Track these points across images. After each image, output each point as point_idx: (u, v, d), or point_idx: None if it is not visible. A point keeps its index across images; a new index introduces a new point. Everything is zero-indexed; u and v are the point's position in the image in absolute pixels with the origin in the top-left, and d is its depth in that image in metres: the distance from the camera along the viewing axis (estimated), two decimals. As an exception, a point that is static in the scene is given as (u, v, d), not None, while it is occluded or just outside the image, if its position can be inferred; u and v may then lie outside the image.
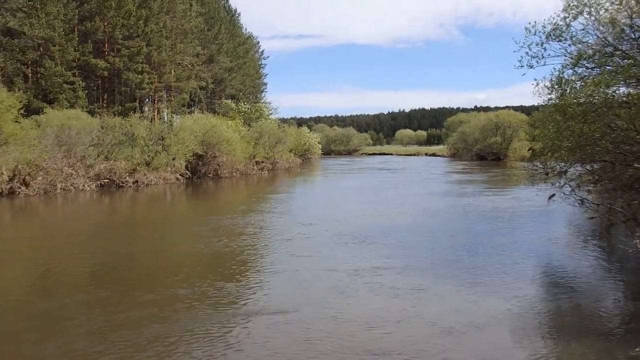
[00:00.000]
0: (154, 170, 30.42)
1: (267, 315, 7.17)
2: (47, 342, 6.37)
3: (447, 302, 7.84)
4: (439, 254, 11.10)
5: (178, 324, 6.89)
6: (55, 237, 14.19)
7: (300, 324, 6.79)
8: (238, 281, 9.11)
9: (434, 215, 17.08)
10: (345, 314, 7.18)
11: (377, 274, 9.19)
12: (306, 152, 65.91)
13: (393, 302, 7.75)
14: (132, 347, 6.17)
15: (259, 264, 10.49)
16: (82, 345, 6.25)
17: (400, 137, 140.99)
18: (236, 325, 6.88)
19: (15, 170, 23.49)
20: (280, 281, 8.96)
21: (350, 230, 13.77)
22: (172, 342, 6.28)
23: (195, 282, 8.89)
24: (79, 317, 7.26)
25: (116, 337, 6.46)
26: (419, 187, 27.59)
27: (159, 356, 5.92)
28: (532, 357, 5.90)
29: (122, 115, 35.86)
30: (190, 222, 17.28)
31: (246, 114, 53.42)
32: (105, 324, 6.97)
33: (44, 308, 7.78)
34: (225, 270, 9.89)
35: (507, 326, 6.83)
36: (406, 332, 6.59)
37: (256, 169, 41.50)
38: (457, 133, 72.10)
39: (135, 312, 7.46)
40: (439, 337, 6.42)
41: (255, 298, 8.07)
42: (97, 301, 8.06)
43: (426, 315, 7.16)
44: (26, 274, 10.10)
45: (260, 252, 11.77)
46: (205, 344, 6.22)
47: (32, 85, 36.43)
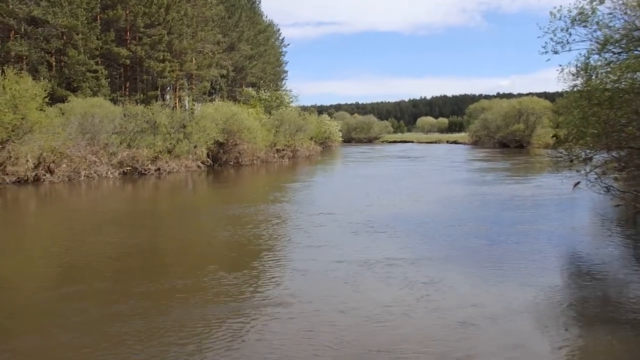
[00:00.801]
0: (176, 158, 30.68)
1: (276, 307, 7.08)
2: (65, 328, 6.49)
3: (467, 292, 7.73)
4: (459, 243, 10.95)
5: (187, 313, 6.95)
6: (79, 223, 14.42)
7: (309, 316, 6.68)
8: (248, 271, 9.14)
9: (455, 203, 16.90)
10: (357, 306, 7.04)
11: (393, 265, 8.98)
12: (326, 140, 65.75)
13: (410, 294, 7.65)
14: (146, 335, 6.24)
15: (273, 254, 10.31)
16: (105, 331, 6.36)
17: (422, 124, 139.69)
18: (241, 317, 6.87)
19: (40, 157, 23.92)
20: (295, 272, 8.75)
21: (369, 220, 13.66)
22: (183, 331, 6.33)
23: (212, 271, 8.92)
24: (93, 304, 7.39)
25: (136, 322, 6.55)
26: (440, 176, 27.35)
27: (176, 343, 5.98)
28: (556, 347, 5.82)
29: (144, 103, 36.19)
30: (211, 210, 17.41)
31: (267, 102, 53.45)
32: (121, 310, 7.07)
33: (62, 294, 7.92)
34: (236, 260, 9.90)
35: (530, 317, 6.70)
36: (423, 324, 6.53)
37: (277, 157, 41.57)
38: (479, 120, 71.15)
39: (150, 299, 7.55)
40: (459, 328, 6.32)
41: (268, 289, 8.00)
42: (114, 288, 8.18)
43: (444, 306, 7.03)
44: (46, 259, 10.30)
45: (276, 242, 11.67)
46: (207, 335, 6.26)
47: (56, 73, 36.96)
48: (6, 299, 7.60)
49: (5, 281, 8.59)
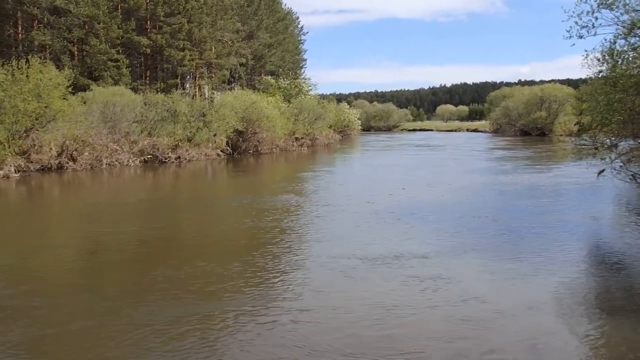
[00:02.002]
0: (196, 146, 30.89)
1: (287, 302, 7.12)
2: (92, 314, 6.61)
3: (489, 285, 7.64)
4: (479, 234, 10.78)
5: (199, 304, 7.02)
6: (101, 211, 14.63)
7: (316, 313, 6.60)
8: (271, 261, 9.17)
9: (476, 193, 16.73)
10: (369, 301, 6.88)
11: (411, 258, 8.81)
12: (345, 128, 65.54)
13: (429, 286, 7.60)
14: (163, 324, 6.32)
15: (294, 245, 10.23)
16: (131, 315, 6.46)
17: (441, 112, 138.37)
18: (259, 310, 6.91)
19: (63, 145, 24.28)
20: (307, 267, 8.62)
21: (387, 210, 13.55)
22: (197, 320, 6.40)
23: (225, 260, 8.96)
24: (115, 290, 7.50)
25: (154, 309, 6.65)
26: (460, 165, 27.08)
27: (191, 332, 6.05)
28: (581, 339, 5.74)
29: (165, 91, 36.45)
30: (229, 198, 17.53)
31: (286, 90, 53.39)
32: (140, 298, 7.17)
33: (91, 284, 8.06)
34: (259, 250, 9.95)
35: (553, 308, 6.59)
36: (444, 317, 6.48)
37: (296, 145, 41.59)
38: (500, 108, 70.19)
39: (166, 289, 7.64)
40: (483, 321, 6.25)
41: (279, 284, 8.04)
42: (132, 276, 8.29)
43: (466, 299, 6.93)
44: (69, 247, 10.48)
45: (297, 232, 11.62)
46: (207, 331, 6.30)
47: (78, 62, 37.36)
48: (32, 284, 7.77)
49: (29, 267, 8.78)
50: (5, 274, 8.13)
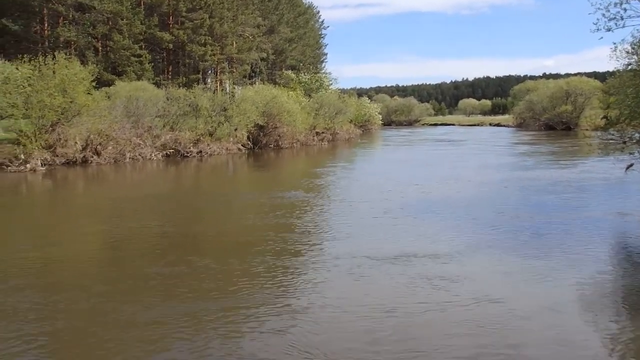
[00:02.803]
0: (217, 141, 31.08)
1: (300, 302, 7.10)
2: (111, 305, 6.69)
3: (513, 283, 7.56)
4: (504, 231, 10.63)
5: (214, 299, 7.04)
6: (124, 204, 14.81)
7: (329, 314, 6.57)
8: (293, 256, 9.18)
9: (499, 189, 16.52)
10: (387, 301, 6.82)
11: (428, 257, 8.70)
12: (366, 123, 65.25)
13: (452, 283, 7.54)
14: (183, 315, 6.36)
15: (302, 244, 10.07)
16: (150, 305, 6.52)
17: (464, 106, 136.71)
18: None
19: (87, 140, 24.65)
20: (324, 266, 8.53)
21: (405, 207, 13.49)
22: (216, 315, 6.42)
23: (243, 257, 9.00)
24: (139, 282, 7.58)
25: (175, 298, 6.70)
26: (483, 160, 26.74)
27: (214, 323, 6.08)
28: (607, 338, 5.63)
29: (186, 86, 36.72)
30: (249, 193, 17.61)
31: (306, 85, 53.35)
32: (161, 291, 7.23)
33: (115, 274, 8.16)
34: (280, 245, 9.95)
35: (580, 307, 6.50)
36: (469, 314, 6.42)
37: (316, 140, 41.55)
38: (523, 102, 69.07)
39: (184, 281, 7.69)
40: (507, 319, 6.20)
41: (293, 284, 8.03)
42: (151, 269, 8.37)
43: (490, 297, 6.84)
44: (92, 238, 10.63)
45: (307, 230, 11.53)
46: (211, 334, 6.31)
47: (102, 58, 37.88)
48: (58, 273, 7.90)
49: (57, 257, 8.93)
50: (32, 265, 8.29)
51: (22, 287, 7.26)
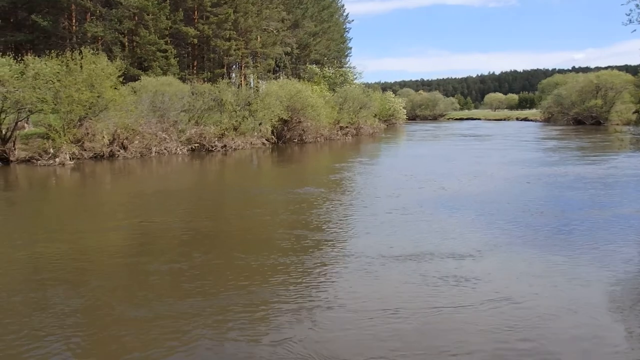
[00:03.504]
0: (241, 135, 31.26)
1: (321, 301, 7.08)
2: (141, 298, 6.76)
3: (540, 282, 7.41)
4: (530, 228, 10.40)
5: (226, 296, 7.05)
6: (150, 198, 14.99)
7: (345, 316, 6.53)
8: (315, 253, 9.15)
9: (527, 185, 16.19)
10: (413, 300, 6.83)
11: (447, 255, 8.54)
12: (390, 117, 64.90)
13: (480, 282, 7.43)
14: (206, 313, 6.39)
15: (322, 241, 10.06)
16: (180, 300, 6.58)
17: (490, 101, 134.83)
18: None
19: (114, 134, 25.04)
20: (345, 264, 8.50)
21: (429, 203, 13.35)
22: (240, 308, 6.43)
23: (265, 253, 9.00)
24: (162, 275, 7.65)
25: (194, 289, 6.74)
26: (510, 155, 26.28)
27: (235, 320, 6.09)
28: (636, 338, 5.47)
29: (211, 81, 37.00)
30: (272, 188, 17.66)
31: (330, 79, 53.23)
32: (186, 285, 7.28)
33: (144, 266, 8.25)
34: (280, 244, 9.92)
35: (609, 308, 6.31)
36: (497, 313, 6.31)
37: (340, 134, 41.47)
38: (551, 96, 67.76)
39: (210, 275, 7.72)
40: (533, 318, 6.08)
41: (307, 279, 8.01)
42: (174, 263, 8.43)
43: (517, 295, 6.74)
44: (117, 231, 10.78)
45: (328, 227, 11.46)
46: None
47: (128, 53, 38.37)
48: (88, 264, 8.04)
49: (84, 249, 9.08)
50: (61, 256, 8.45)
51: (49, 279, 7.40)
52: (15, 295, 6.74)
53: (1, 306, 6.36)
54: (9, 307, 6.32)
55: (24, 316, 6.04)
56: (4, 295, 6.73)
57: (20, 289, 7.03)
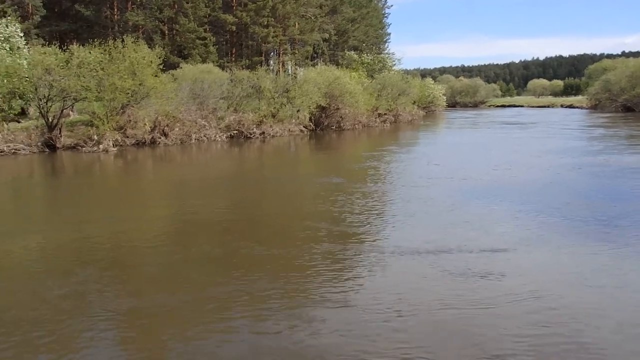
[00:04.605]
0: (279, 122, 31.29)
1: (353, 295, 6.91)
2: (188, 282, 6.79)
3: (587, 276, 7.08)
4: (564, 221, 9.94)
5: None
6: (190, 184, 15.14)
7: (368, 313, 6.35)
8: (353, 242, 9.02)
9: (569, 174, 15.59)
10: (449, 295, 6.63)
11: (485, 249, 8.33)
12: (430, 104, 63.85)
13: (525, 276, 7.15)
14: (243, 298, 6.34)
15: (358, 233, 9.84)
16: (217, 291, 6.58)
17: (533, 87, 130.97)
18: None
19: (155, 121, 25.44)
20: (380, 257, 8.34)
21: (466, 193, 12.99)
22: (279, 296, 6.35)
23: (300, 243, 8.91)
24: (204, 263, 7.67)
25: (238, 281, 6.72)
26: (552, 143, 25.37)
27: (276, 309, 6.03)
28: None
29: (250, 68, 37.12)
30: (310, 176, 17.57)
31: (369, 66, 52.70)
32: (227, 272, 7.27)
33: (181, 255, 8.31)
34: (329, 235, 9.77)
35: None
36: (548, 306, 6.05)
37: (378, 122, 41.06)
38: (599, 82, 65.18)
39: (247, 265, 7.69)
40: (575, 314, 5.79)
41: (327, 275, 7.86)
42: (215, 250, 8.43)
43: (559, 293, 6.46)
44: (163, 219, 10.89)
45: (363, 218, 11.31)
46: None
47: (168, 41, 38.87)
48: (133, 251, 8.14)
49: (129, 235, 9.21)
50: (105, 241, 8.60)
51: (94, 262, 7.52)
52: (63, 278, 6.87)
53: (51, 286, 6.50)
54: (56, 288, 6.45)
55: (68, 298, 6.13)
56: (52, 276, 6.87)
57: (65, 270, 7.16)
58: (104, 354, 4.95)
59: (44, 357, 4.89)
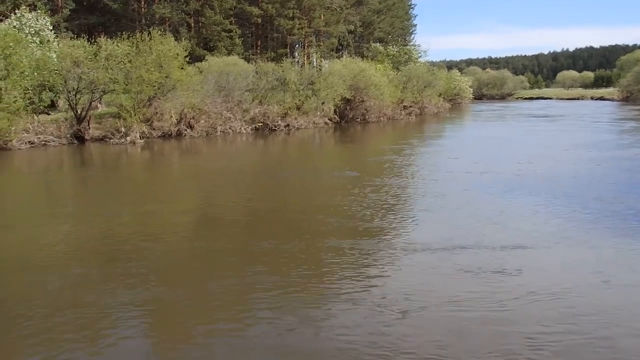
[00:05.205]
0: (304, 115, 31.24)
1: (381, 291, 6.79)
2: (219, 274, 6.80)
3: (602, 275, 6.87)
4: (590, 217, 9.63)
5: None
6: (217, 177, 15.21)
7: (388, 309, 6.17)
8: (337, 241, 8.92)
9: (598, 168, 15.17)
10: (465, 295, 6.47)
11: (510, 246, 8.08)
12: (456, 97, 62.98)
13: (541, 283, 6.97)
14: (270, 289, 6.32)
15: (378, 229, 9.65)
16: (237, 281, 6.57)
17: (562, 79, 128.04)
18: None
19: (181, 113, 25.63)
20: (405, 254, 8.08)
21: (488, 188, 12.71)
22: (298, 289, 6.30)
23: (325, 238, 8.84)
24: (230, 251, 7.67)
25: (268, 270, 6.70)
26: (581, 136, 24.76)
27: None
28: None
29: (275, 60, 37.08)
30: (334, 169, 17.48)
31: (394, 58, 52.19)
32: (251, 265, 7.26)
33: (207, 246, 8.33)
34: (351, 230, 9.68)
35: None
36: (579, 302, 5.88)
37: (403, 114, 40.68)
38: (631, 73, 63.43)
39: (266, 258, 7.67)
40: (601, 311, 5.62)
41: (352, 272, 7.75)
42: (236, 244, 8.43)
43: (585, 290, 6.30)
44: (190, 212, 10.95)
45: (386, 214, 11.12)
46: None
47: (194, 34, 39.06)
48: (159, 243, 8.21)
49: (156, 227, 9.29)
50: (131, 234, 8.68)
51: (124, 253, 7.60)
52: (92, 269, 6.95)
53: (77, 276, 6.58)
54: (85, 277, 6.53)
55: (97, 291, 6.20)
56: (82, 266, 6.96)
57: (95, 263, 7.25)
58: (131, 341, 5.02)
59: (80, 339, 4.94)
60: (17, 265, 7.29)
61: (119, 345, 4.98)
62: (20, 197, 12.74)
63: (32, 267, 7.11)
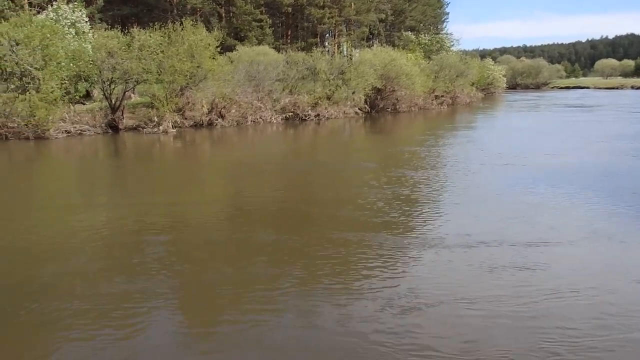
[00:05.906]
0: (334, 104, 31.13)
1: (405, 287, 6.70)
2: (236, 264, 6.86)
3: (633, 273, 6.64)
4: (623, 213, 9.36)
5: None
6: (246, 167, 15.31)
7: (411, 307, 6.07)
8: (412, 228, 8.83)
9: (636, 161, 14.69)
10: (496, 291, 6.37)
11: (540, 242, 7.93)
12: (489, 86, 61.81)
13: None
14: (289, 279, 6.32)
15: (401, 225, 9.57)
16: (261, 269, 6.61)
17: (601, 68, 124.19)
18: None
19: (213, 103, 25.86)
20: (434, 247, 8.06)
21: (520, 180, 12.47)
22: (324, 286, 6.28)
23: (353, 232, 8.78)
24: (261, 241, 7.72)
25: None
26: (621, 127, 24.00)
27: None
28: None
29: (305, 50, 37.05)
30: (363, 161, 17.39)
31: (426, 46, 51.50)
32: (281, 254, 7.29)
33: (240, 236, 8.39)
34: (378, 223, 9.59)
35: None
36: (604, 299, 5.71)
37: (435, 104, 40.16)
38: (675, 62, 61.11)
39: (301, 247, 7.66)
40: (629, 310, 5.44)
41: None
42: (265, 236, 8.46)
43: (614, 287, 6.09)
44: (215, 202, 11.05)
45: (416, 207, 10.98)
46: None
47: (225, 24, 39.30)
48: (189, 230, 8.32)
49: (187, 216, 9.42)
50: (162, 222, 8.82)
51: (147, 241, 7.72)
52: (125, 258, 7.10)
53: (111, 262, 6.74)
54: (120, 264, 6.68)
55: (124, 277, 6.32)
56: (120, 254, 7.12)
57: (128, 250, 7.40)
58: (164, 319, 5.12)
59: (121, 315, 5.06)
60: (51, 250, 7.50)
61: (149, 329, 5.08)
62: (57, 185, 13.09)
63: (70, 252, 7.31)
